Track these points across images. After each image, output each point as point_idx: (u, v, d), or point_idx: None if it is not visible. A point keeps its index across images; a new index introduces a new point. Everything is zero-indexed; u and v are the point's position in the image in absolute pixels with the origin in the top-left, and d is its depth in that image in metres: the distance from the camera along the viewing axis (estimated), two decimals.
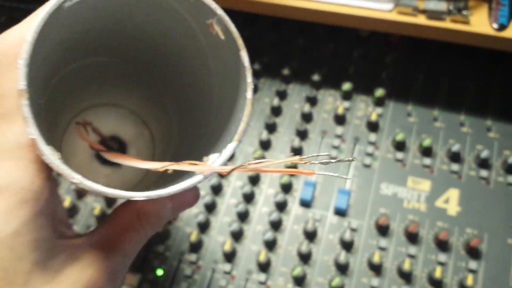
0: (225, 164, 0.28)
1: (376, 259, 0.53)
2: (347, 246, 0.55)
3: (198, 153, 0.33)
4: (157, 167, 0.28)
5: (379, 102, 0.63)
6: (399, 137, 0.59)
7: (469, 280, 0.52)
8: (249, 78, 0.29)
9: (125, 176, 0.43)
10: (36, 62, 0.27)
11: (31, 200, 0.27)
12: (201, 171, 0.27)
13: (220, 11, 0.29)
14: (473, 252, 0.53)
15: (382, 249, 0.54)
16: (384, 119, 0.62)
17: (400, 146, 0.59)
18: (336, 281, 0.52)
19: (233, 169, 0.26)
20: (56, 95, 0.37)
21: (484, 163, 0.57)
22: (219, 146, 0.31)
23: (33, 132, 0.25)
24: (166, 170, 0.27)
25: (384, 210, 0.57)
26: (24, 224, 0.27)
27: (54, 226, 0.29)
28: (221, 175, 0.60)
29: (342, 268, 0.54)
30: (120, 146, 0.44)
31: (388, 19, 0.56)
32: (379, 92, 0.62)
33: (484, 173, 0.57)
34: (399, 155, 0.59)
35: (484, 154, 0.57)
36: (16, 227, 0.26)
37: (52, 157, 0.25)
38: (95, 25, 0.33)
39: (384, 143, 0.60)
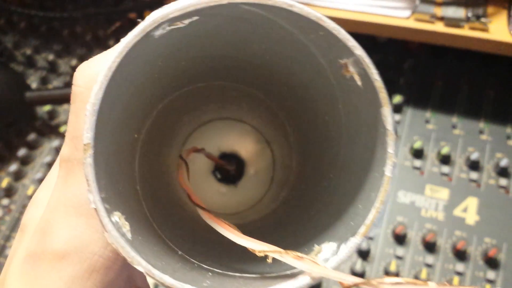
0: (342, 263, 0.22)
1: (392, 268, 0.53)
2: (364, 254, 0.54)
3: (314, 211, 0.29)
4: (255, 249, 0.23)
5: (397, 109, 0.62)
6: (417, 144, 0.58)
7: None
8: (391, 148, 0.22)
9: (241, 197, 0.40)
10: (121, 100, 0.24)
11: (102, 269, 0.23)
12: (310, 271, 0.21)
13: (359, 51, 0.22)
14: (491, 262, 0.53)
15: (399, 258, 0.54)
16: (402, 126, 0.61)
17: (418, 153, 0.59)
18: None
19: (357, 284, 0.20)
20: (165, 118, 0.34)
21: (503, 172, 0.57)
22: (339, 222, 0.25)
23: (94, 199, 0.20)
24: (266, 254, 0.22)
25: (401, 219, 0.56)
26: None
27: None
28: None
29: (359, 276, 0.53)
30: (238, 166, 0.40)
31: (405, 26, 0.55)
32: (397, 98, 0.62)
33: (503, 181, 0.56)
34: (417, 162, 0.59)
35: (504, 162, 0.56)
36: None
37: (114, 233, 0.20)
38: (208, 53, 0.28)
39: (402, 150, 0.60)
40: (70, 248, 0.22)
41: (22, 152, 0.65)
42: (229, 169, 0.39)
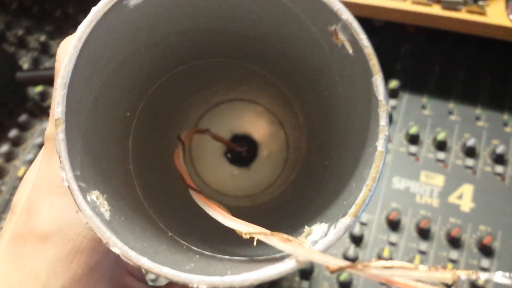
0: (331, 245, 0.21)
1: (386, 254, 0.52)
2: (357, 240, 0.54)
3: (315, 191, 0.28)
4: (241, 230, 0.22)
5: (393, 94, 0.61)
6: (413, 130, 0.57)
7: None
8: (383, 120, 0.21)
9: (254, 180, 0.39)
10: (102, 74, 0.23)
11: (86, 250, 0.22)
12: (296, 255, 0.20)
13: (346, 15, 0.21)
14: (486, 250, 0.52)
15: (392, 244, 0.53)
16: (398, 112, 0.60)
17: (413, 139, 0.58)
18: (344, 275, 0.51)
19: (342, 268, 0.19)
20: (167, 98, 0.33)
21: (499, 159, 0.56)
22: (333, 203, 0.24)
23: (67, 176, 0.19)
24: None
25: (395, 205, 0.55)
26: (75, 280, 0.22)
27: (117, 278, 0.24)
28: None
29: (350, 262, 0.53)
30: (249, 148, 0.39)
31: (402, 8, 0.54)
32: (393, 83, 0.61)
33: (499, 169, 0.56)
34: (413, 148, 0.58)
35: (500, 149, 0.55)
36: (64, 282, 0.22)
37: (89, 212, 0.19)
38: (196, 25, 0.27)
39: (397, 136, 0.59)
40: (53, 228, 0.22)
41: (13, 133, 0.64)
42: (240, 151, 0.39)
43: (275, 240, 0.20)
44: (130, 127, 0.29)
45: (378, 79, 0.21)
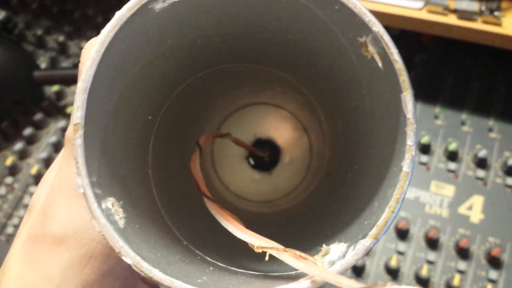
0: (349, 267, 0.20)
1: (393, 263, 0.52)
2: None
3: (336, 206, 0.27)
4: (253, 244, 0.21)
5: None
6: (425, 139, 0.57)
7: None
8: (410, 139, 0.20)
9: (275, 185, 0.39)
10: (124, 79, 0.23)
11: (100, 256, 0.22)
12: (309, 273, 0.19)
13: (377, 27, 0.20)
14: (494, 262, 0.52)
15: (400, 253, 0.53)
16: None
17: (425, 149, 0.58)
18: None
19: None
20: (191, 101, 0.32)
21: (511, 171, 0.55)
22: (354, 221, 0.23)
23: (82, 182, 0.19)
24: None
25: (404, 214, 0.55)
26: (87, 285, 0.22)
27: (129, 284, 0.24)
28: None
29: (358, 271, 0.53)
30: (272, 152, 0.39)
31: (417, 17, 0.54)
32: None
33: (510, 181, 0.55)
34: (424, 158, 0.58)
35: None
36: (77, 287, 0.22)
37: (103, 220, 0.19)
38: (222, 30, 0.26)
39: None
40: (68, 232, 0.22)
41: (28, 131, 0.65)
42: (261, 155, 0.38)
43: (288, 256, 0.20)
44: (151, 131, 0.29)
45: (407, 95, 0.20)
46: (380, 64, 0.21)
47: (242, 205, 0.38)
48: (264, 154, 0.39)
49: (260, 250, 0.21)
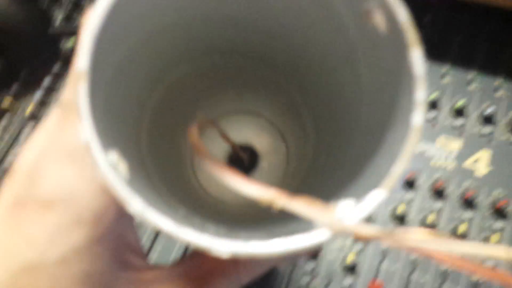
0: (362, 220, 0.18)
1: (399, 211, 0.53)
2: None
3: (330, 189, 0.26)
4: (261, 197, 0.19)
5: None
6: (432, 96, 0.58)
7: (494, 239, 0.51)
8: (420, 93, 0.18)
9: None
10: (128, 39, 0.22)
11: (90, 223, 0.21)
12: (326, 224, 0.17)
13: None
14: (500, 213, 0.52)
15: (407, 202, 0.54)
16: None
17: (432, 105, 0.59)
18: (351, 258, 0.52)
19: (376, 237, 0.17)
20: (180, 93, 0.33)
21: None
22: (360, 187, 0.21)
23: (87, 131, 0.17)
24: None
25: (410, 166, 0.56)
26: (75, 252, 0.21)
27: (118, 254, 0.24)
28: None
29: (365, 220, 0.53)
30: (251, 158, 0.40)
31: None
32: None
33: None
34: (431, 114, 0.58)
35: None
36: (64, 253, 0.21)
37: (107, 167, 0.17)
38: (221, 11, 0.26)
39: None
40: (57, 196, 0.21)
41: (47, 81, 0.66)
42: (242, 156, 0.39)
43: (301, 205, 0.18)
44: (146, 113, 0.29)
45: (416, 50, 0.18)
46: (383, 28, 0.19)
47: (220, 207, 0.38)
48: (244, 155, 0.39)
49: (267, 204, 0.19)
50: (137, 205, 0.17)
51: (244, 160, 0.39)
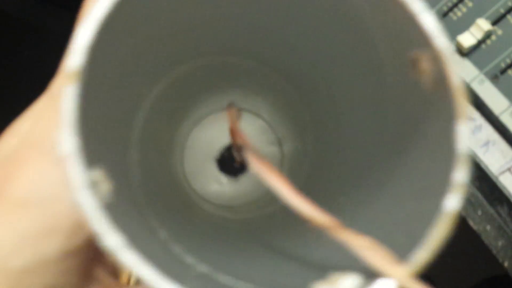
0: None
1: None
2: None
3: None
4: (314, 218, 0.17)
5: None
6: None
7: None
8: (460, 174, 0.14)
9: (238, 192, 0.36)
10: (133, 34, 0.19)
11: (66, 233, 0.18)
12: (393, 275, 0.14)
13: (440, 40, 0.14)
14: None
15: None
16: None
17: None
18: None
19: None
20: (176, 98, 0.30)
21: None
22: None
23: (70, 144, 0.14)
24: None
25: None
26: (42, 263, 0.18)
27: (88, 268, 0.20)
28: None
29: None
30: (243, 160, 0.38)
31: None
32: None
33: None
34: None
35: None
36: (28, 263, 0.18)
37: (85, 191, 0.14)
38: (211, 15, 0.22)
39: None
40: (32, 198, 0.18)
41: None
42: (237, 158, 0.35)
43: (361, 244, 0.15)
44: (139, 114, 0.26)
45: (462, 125, 0.14)
46: (428, 85, 0.16)
47: (205, 207, 0.36)
48: (240, 157, 0.37)
49: (315, 223, 0.17)
50: (112, 242, 0.14)
51: (236, 161, 0.36)
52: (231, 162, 0.37)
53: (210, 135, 0.36)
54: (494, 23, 0.42)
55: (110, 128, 0.20)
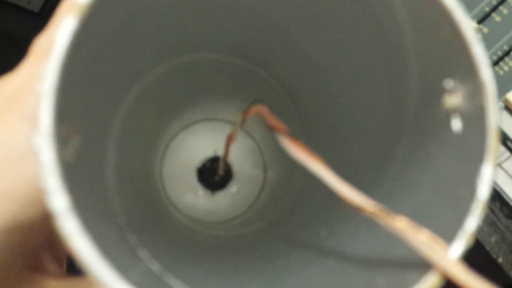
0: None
1: None
2: None
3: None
4: (359, 203, 0.16)
5: None
6: None
7: None
8: (472, 222, 0.13)
9: (212, 207, 0.35)
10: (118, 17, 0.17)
11: (22, 200, 0.16)
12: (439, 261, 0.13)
13: (487, 74, 0.13)
14: None
15: None
16: None
17: None
18: None
19: None
20: (158, 98, 0.29)
21: None
22: None
23: (50, 82, 0.13)
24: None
25: None
26: None
27: (33, 253, 0.19)
28: None
29: None
30: (224, 175, 0.36)
31: None
32: None
33: None
34: None
35: None
36: None
37: (47, 143, 0.12)
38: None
39: None
40: None
41: None
42: (219, 171, 0.35)
43: (402, 224, 0.14)
44: (119, 110, 0.25)
45: (489, 168, 0.13)
46: (458, 124, 0.14)
47: (175, 214, 0.35)
48: (221, 172, 0.35)
49: (364, 211, 0.16)
50: (57, 203, 0.12)
51: (216, 178, 0.35)
52: (212, 175, 0.36)
53: (197, 142, 0.35)
54: (480, 21, 0.42)
55: (93, 102, 0.19)
